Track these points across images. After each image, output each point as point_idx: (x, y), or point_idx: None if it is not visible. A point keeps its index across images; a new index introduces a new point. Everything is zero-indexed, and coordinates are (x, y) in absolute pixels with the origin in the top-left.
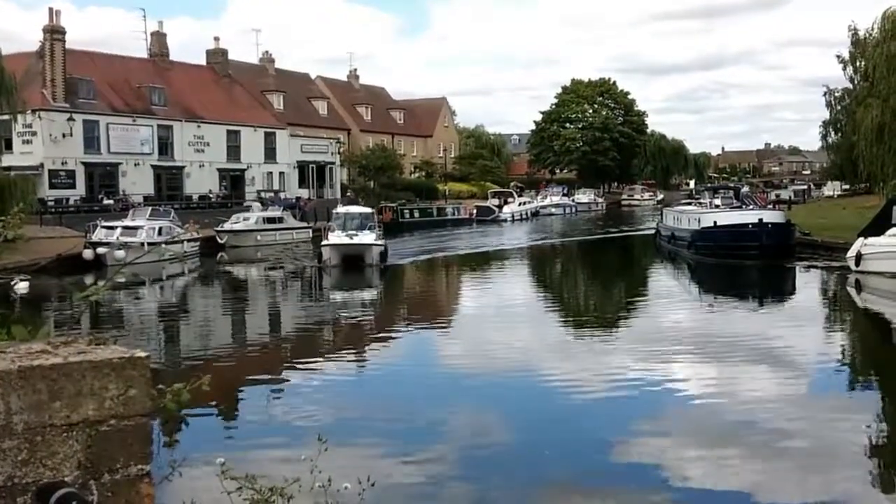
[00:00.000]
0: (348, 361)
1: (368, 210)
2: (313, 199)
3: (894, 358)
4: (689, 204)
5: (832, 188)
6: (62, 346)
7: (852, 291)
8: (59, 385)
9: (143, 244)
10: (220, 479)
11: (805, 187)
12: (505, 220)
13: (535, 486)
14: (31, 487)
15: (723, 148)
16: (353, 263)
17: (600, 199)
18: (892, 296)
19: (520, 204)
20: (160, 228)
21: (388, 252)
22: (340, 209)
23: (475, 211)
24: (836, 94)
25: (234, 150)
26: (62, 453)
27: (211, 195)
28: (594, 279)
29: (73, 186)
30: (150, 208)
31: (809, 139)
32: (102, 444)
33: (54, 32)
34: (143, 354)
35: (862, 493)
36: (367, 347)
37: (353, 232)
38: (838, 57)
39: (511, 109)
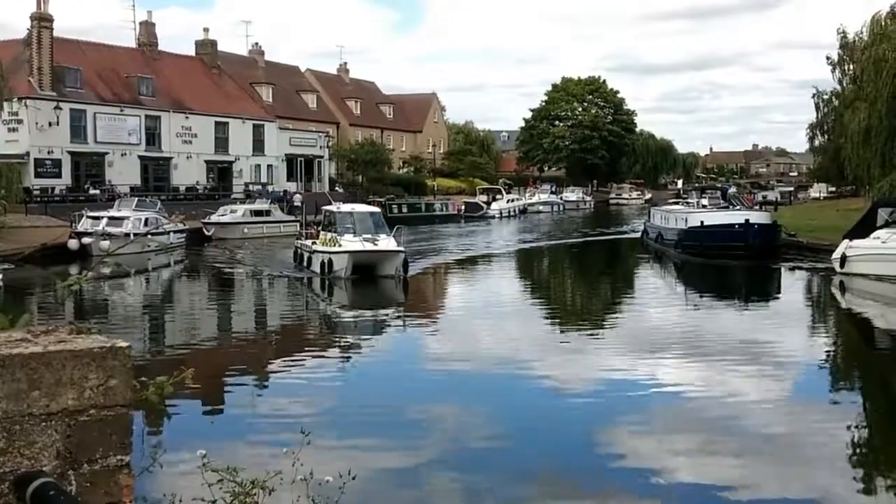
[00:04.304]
0: (334, 356)
1: (377, 209)
2: (302, 193)
3: (876, 359)
4: (677, 203)
5: (818, 190)
6: (42, 334)
7: (836, 293)
8: (38, 374)
9: (128, 235)
10: (202, 471)
11: (791, 189)
12: (493, 217)
13: (519, 481)
14: (9, 477)
15: (711, 148)
16: (366, 273)
17: (588, 198)
18: (876, 298)
19: (508, 201)
20: (146, 219)
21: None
22: (343, 207)
23: (463, 207)
24: (825, 97)
25: (221, 142)
26: (41, 443)
27: (198, 187)
28: (582, 279)
29: (59, 176)
30: (136, 199)
31: (797, 141)
32: (82, 435)
33: (42, 20)
34: (124, 344)
35: (843, 491)
36: (354, 343)
37: (370, 236)
38: (828, 59)
39: (501, 106)
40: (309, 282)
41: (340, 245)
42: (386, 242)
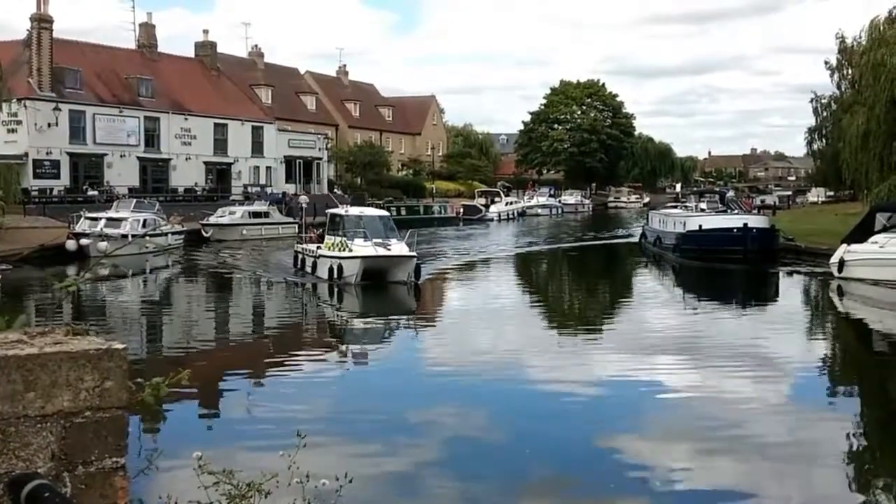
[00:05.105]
0: (331, 358)
1: (386, 213)
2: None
3: (873, 363)
4: (675, 207)
5: (817, 194)
6: (38, 336)
7: (834, 297)
8: (34, 375)
9: (126, 236)
10: (197, 473)
11: (790, 193)
12: (491, 220)
13: (518, 485)
14: (3, 478)
15: (709, 152)
16: (376, 279)
17: (587, 201)
18: (874, 302)
19: (507, 204)
20: (144, 221)
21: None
22: (352, 210)
23: (462, 210)
24: (823, 101)
25: (220, 144)
26: (36, 444)
27: (197, 188)
28: (581, 283)
29: (57, 177)
30: (134, 200)
31: (796, 145)
32: (77, 436)
33: (42, 21)
34: (120, 346)
35: (842, 495)
36: (353, 347)
37: (381, 240)
38: (826, 63)
39: (500, 109)
40: (314, 287)
41: (351, 250)
42: (399, 247)
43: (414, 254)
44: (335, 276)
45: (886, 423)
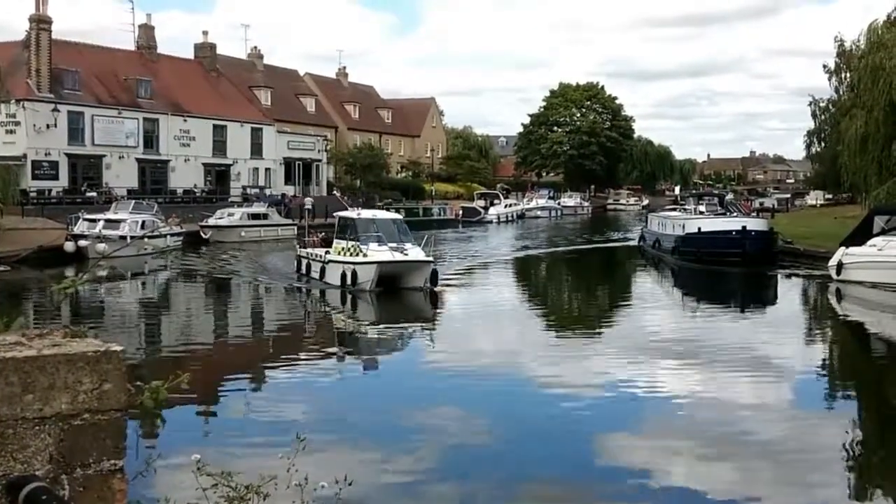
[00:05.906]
0: (331, 360)
1: (399, 216)
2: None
3: (872, 366)
4: (674, 210)
5: (815, 197)
6: (37, 338)
7: (833, 300)
8: (32, 378)
9: (124, 237)
10: (196, 475)
11: (788, 196)
12: (491, 222)
13: (518, 487)
14: (1, 481)
15: (708, 155)
16: (389, 285)
17: (586, 203)
18: (872, 305)
19: (506, 206)
20: (143, 222)
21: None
22: (364, 213)
23: (461, 212)
24: (822, 105)
25: (219, 145)
26: (34, 447)
27: (196, 190)
28: (581, 284)
29: (56, 178)
30: (133, 202)
31: (794, 149)
32: (75, 439)
33: (41, 22)
34: (118, 348)
35: (840, 497)
36: (350, 347)
37: (396, 245)
38: (825, 67)
39: (500, 111)
40: (322, 294)
41: (365, 255)
42: (415, 252)
43: (430, 258)
44: (348, 282)
45: (885, 425)
